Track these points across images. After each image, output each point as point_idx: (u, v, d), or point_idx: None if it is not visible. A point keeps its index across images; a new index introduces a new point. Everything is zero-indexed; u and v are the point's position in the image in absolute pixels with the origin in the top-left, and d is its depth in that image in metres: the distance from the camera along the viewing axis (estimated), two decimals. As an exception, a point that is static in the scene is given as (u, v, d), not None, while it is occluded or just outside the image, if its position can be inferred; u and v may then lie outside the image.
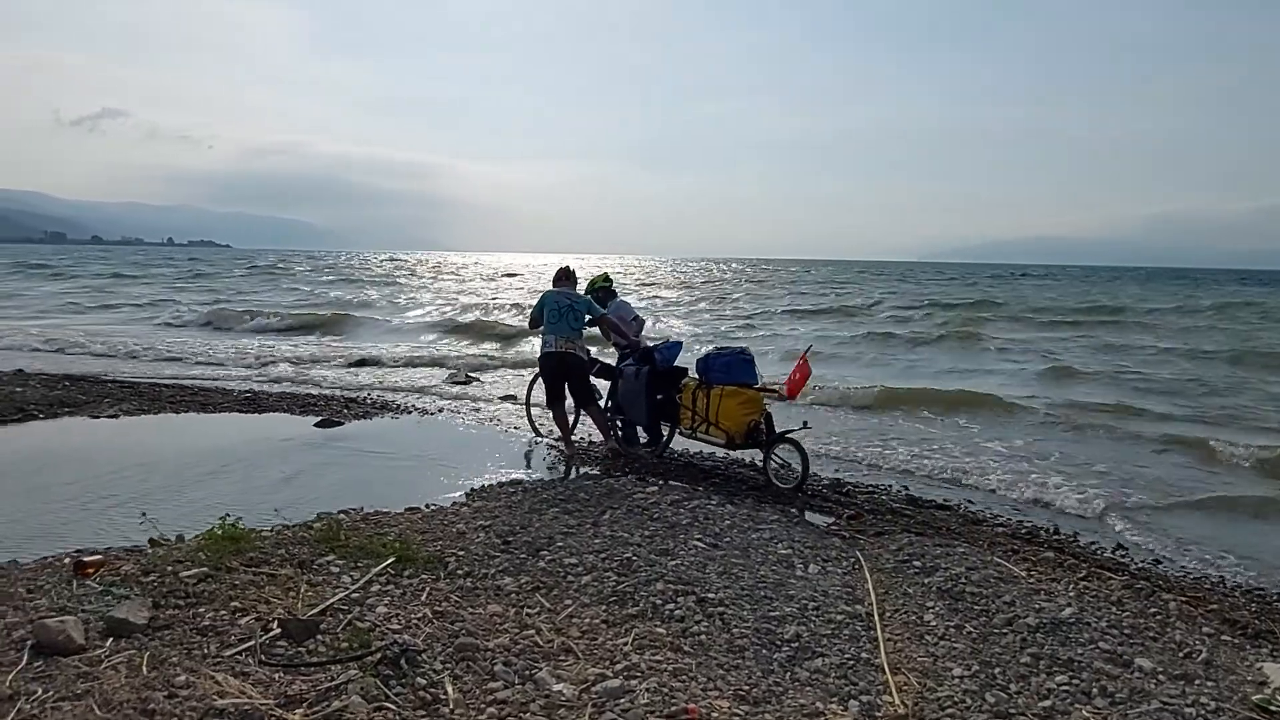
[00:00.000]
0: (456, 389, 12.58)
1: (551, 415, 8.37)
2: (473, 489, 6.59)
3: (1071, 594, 4.70)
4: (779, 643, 3.80)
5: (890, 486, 7.52)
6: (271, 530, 4.97)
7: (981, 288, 51.57)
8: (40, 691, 2.90)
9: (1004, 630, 4.10)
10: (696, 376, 7.88)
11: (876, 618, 4.15)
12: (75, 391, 10.46)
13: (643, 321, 8.91)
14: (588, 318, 8.18)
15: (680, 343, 8.54)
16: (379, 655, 3.31)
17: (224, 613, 3.71)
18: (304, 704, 2.97)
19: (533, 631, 3.75)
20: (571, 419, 8.48)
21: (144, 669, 3.13)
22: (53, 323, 22.15)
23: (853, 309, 31.04)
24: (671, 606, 4.13)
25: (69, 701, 2.85)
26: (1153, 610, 4.56)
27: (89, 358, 15.25)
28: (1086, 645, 3.95)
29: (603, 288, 8.81)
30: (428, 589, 4.18)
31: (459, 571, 4.48)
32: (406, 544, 4.73)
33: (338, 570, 4.34)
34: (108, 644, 3.33)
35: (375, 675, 3.18)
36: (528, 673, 3.33)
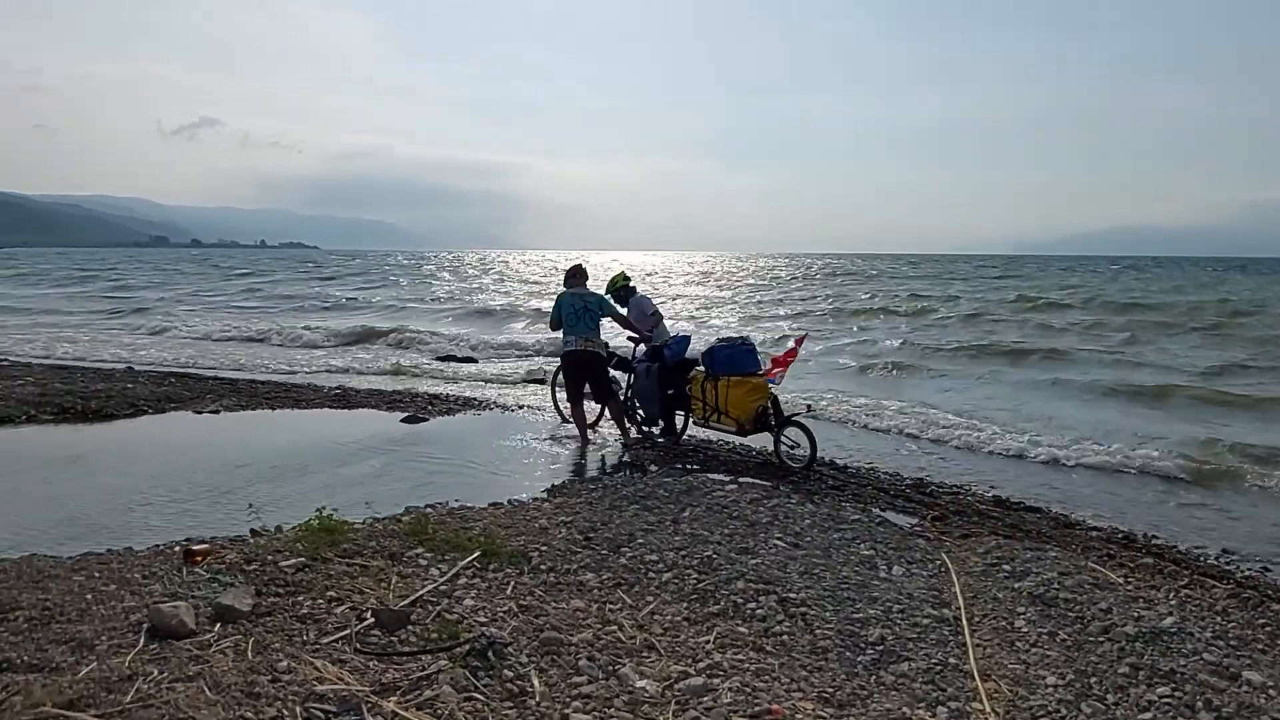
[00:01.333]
0: (540, 388, 12.77)
1: (570, 411, 8.86)
2: (553, 485, 6.69)
3: (1173, 602, 4.50)
4: (863, 645, 3.75)
5: (975, 487, 7.32)
6: (363, 522, 5.16)
7: (1101, 284, 46.29)
8: (156, 672, 3.07)
9: (1100, 639, 3.96)
10: (703, 369, 8.22)
11: (965, 622, 4.05)
12: (180, 387, 11.04)
13: (660, 316, 9.17)
14: (603, 315, 8.60)
15: (688, 337, 8.95)
16: (467, 647, 3.40)
17: (321, 601, 3.87)
18: (397, 691, 3.07)
19: (615, 627, 3.80)
20: (594, 416, 9.08)
21: (249, 654, 3.29)
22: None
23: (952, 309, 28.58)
24: (753, 605, 4.12)
25: (182, 683, 3.01)
26: (1261, 621, 4.33)
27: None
28: (1190, 656, 3.78)
29: (623, 286, 9.15)
30: (512, 583, 4.27)
31: (542, 566, 4.57)
32: (491, 538, 4.85)
33: (426, 563, 4.48)
34: (215, 629, 3.52)
35: (464, 666, 3.27)
36: (611, 668, 3.37)
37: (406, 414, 9.74)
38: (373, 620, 3.67)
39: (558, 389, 9.75)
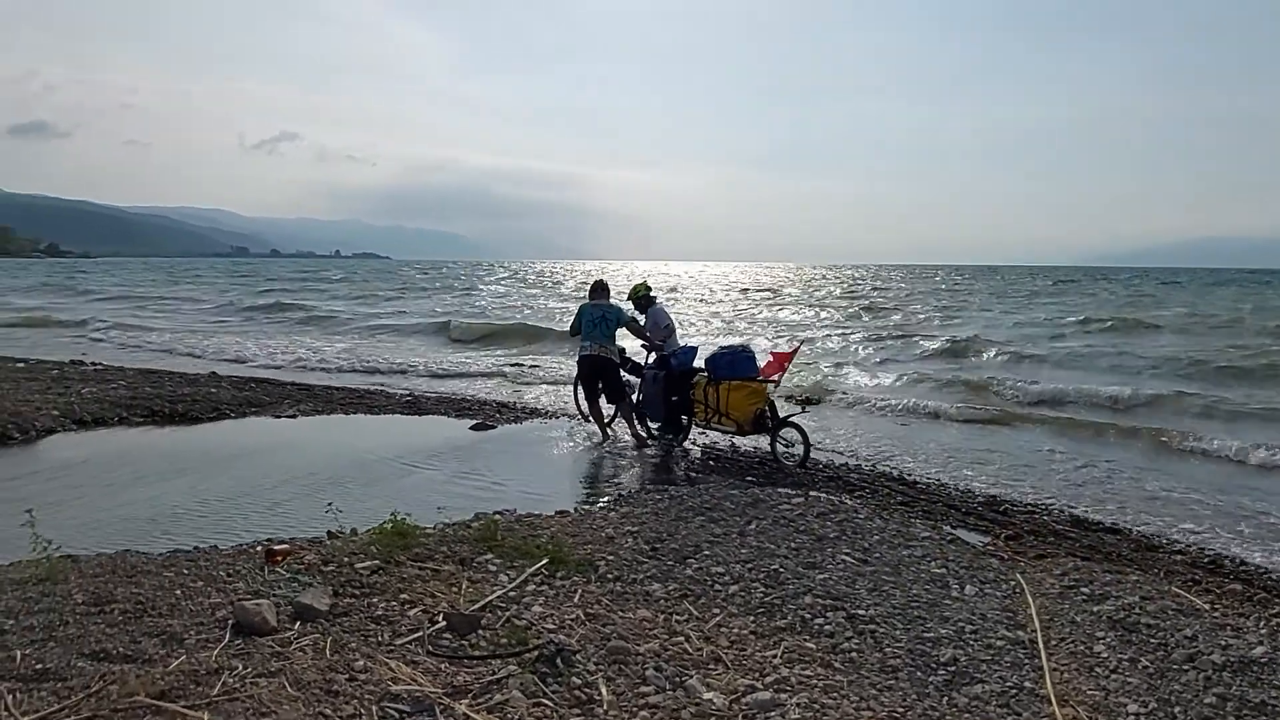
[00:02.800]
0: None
1: (588, 409, 9.58)
2: (619, 495, 6.74)
3: (1263, 631, 4.29)
4: (935, 665, 3.68)
5: (1051, 506, 7.10)
6: (434, 527, 5.27)
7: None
8: (241, 667, 3.20)
9: (1185, 667, 3.80)
10: (705, 374, 8.77)
11: (1041, 645, 3.94)
12: (260, 392, 11.45)
13: (672, 329, 9.63)
14: (619, 326, 9.31)
15: (695, 348, 9.53)
16: (536, 653, 3.45)
17: (395, 603, 3.97)
18: (469, 695, 3.14)
19: (682, 639, 3.80)
20: (610, 413, 9.69)
21: (327, 652, 3.40)
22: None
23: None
24: (820, 621, 4.08)
25: (265, 678, 3.13)
26: (1362, 655, 4.10)
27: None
28: (1283, 688, 3.61)
29: (644, 295, 9.74)
30: (579, 591, 4.32)
31: (609, 575, 4.60)
32: (559, 546, 4.90)
33: (495, 569, 4.55)
34: (295, 627, 3.64)
35: (533, 672, 3.32)
36: (678, 679, 3.38)
37: (475, 421, 9.92)
38: (444, 624, 3.74)
39: (579, 391, 10.38)
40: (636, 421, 9.41)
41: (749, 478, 7.62)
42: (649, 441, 9.18)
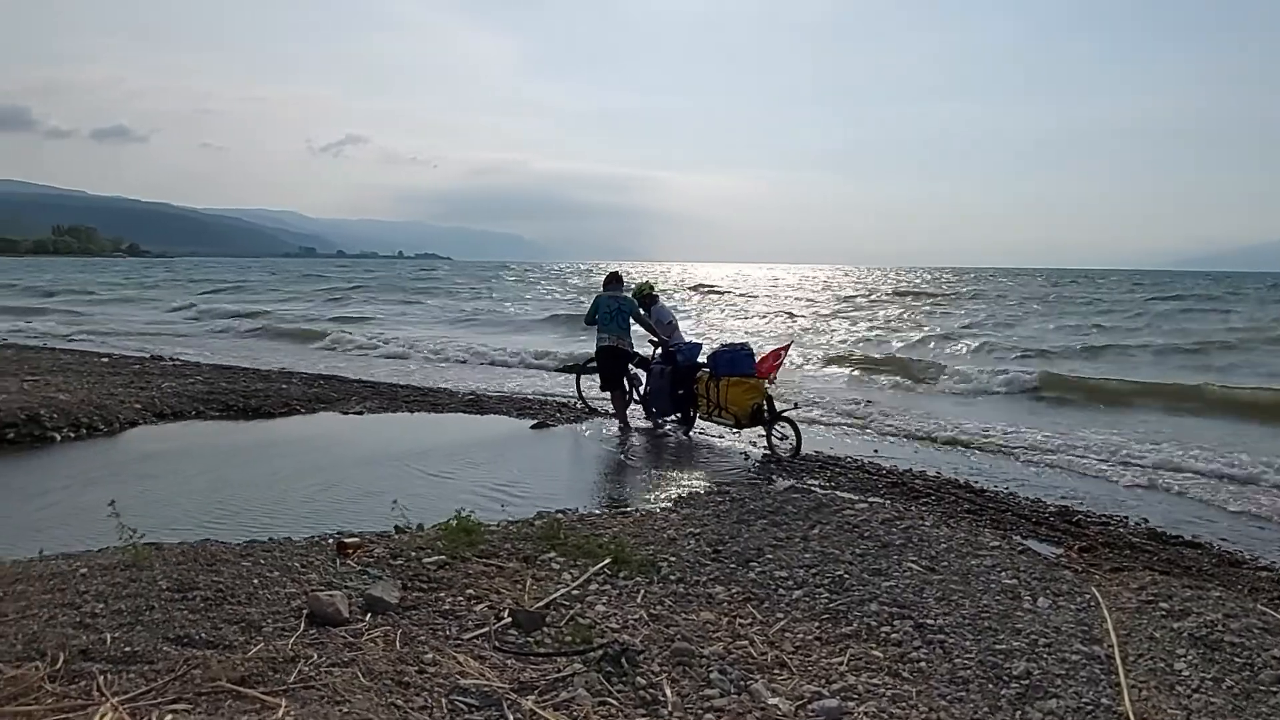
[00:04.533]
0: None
1: (610, 398, 10.04)
2: (680, 496, 6.72)
3: (1359, 655, 4.08)
4: (1007, 678, 3.58)
5: (1128, 518, 6.86)
6: (498, 525, 5.34)
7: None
8: (315, 656, 3.28)
9: (1273, 688, 3.64)
10: (708, 370, 9.28)
11: (1119, 661, 3.81)
12: (328, 389, 11.75)
13: (676, 325, 10.37)
14: (631, 317, 9.84)
15: (700, 344, 10.14)
16: (601, 652, 3.47)
17: (461, 599, 4.04)
18: (535, 691, 3.17)
19: (746, 642, 3.78)
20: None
21: (397, 644, 3.47)
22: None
23: None
24: (887, 629, 4.01)
25: (338, 668, 3.21)
26: None
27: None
28: (1381, 715, 3.42)
29: (647, 294, 10.35)
30: (642, 591, 4.33)
31: (671, 577, 4.60)
32: (621, 546, 4.91)
33: (558, 567, 4.59)
34: (366, 619, 3.72)
35: (598, 671, 3.33)
36: (743, 683, 3.36)
37: (535, 420, 10.02)
38: (510, 620, 3.79)
39: (582, 379, 11.36)
40: (641, 411, 10.12)
41: (811, 481, 7.54)
42: (646, 429, 9.78)
